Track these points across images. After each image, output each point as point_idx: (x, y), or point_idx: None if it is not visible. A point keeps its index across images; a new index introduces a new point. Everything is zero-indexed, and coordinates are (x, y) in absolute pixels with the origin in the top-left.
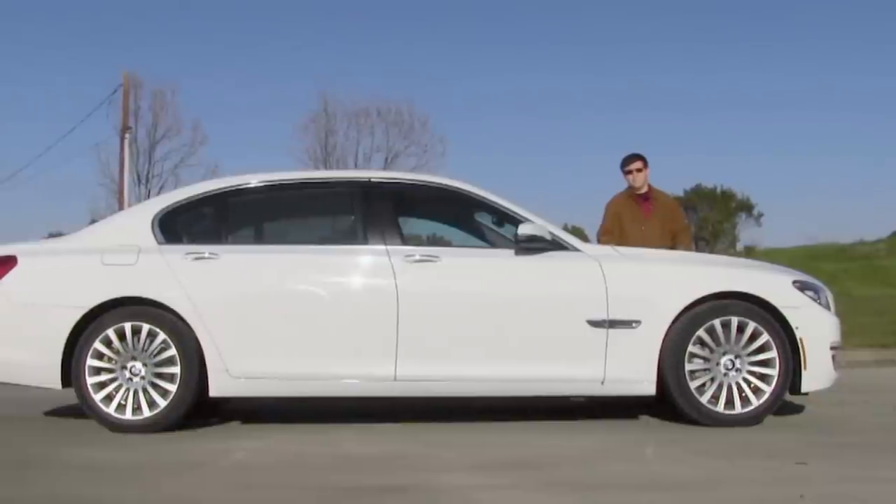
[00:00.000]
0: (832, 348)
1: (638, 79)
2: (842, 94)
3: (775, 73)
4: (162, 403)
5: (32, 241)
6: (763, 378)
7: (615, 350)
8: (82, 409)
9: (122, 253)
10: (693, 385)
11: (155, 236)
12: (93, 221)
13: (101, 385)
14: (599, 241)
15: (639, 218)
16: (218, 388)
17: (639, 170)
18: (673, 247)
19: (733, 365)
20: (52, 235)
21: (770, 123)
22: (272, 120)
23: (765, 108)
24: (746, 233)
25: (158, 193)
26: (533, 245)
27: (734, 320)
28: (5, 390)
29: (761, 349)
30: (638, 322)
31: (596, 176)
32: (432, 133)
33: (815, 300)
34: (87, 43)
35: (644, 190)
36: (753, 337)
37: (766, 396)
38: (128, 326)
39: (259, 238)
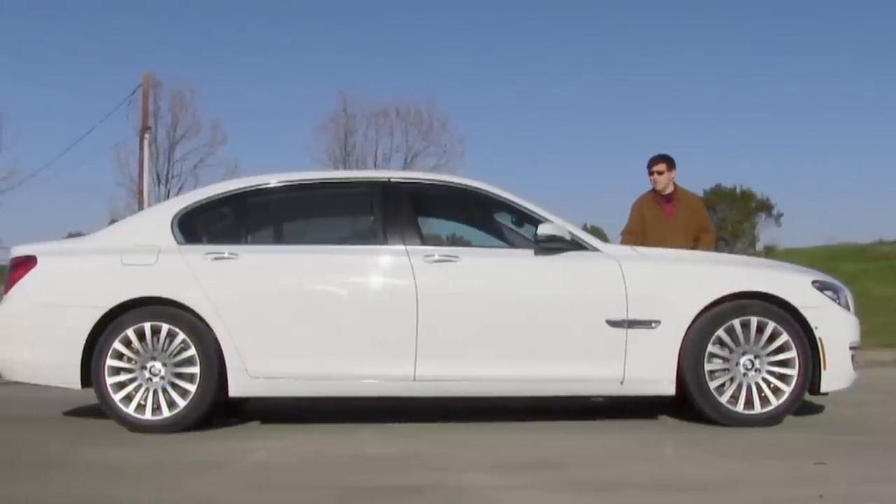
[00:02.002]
0: (852, 348)
1: (658, 80)
2: (861, 95)
3: (795, 75)
4: (181, 403)
5: (52, 241)
6: (782, 378)
7: (634, 350)
8: (102, 410)
9: (141, 253)
10: (712, 385)
11: (174, 236)
12: (112, 221)
13: (121, 385)
14: (622, 242)
15: (661, 219)
16: (237, 388)
17: (660, 172)
18: (694, 247)
19: (753, 365)
20: (71, 235)
21: (789, 124)
22: (291, 120)
23: (784, 109)
24: (766, 233)
25: (178, 193)
26: (552, 245)
27: (754, 320)
28: (25, 390)
29: (781, 349)
30: (657, 322)
31: (616, 177)
32: (452, 133)
33: (834, 300)
34: (106, 44)
35: (668, 191)
36: (773, 337)
37: (785, 396)
38: (147, 326)
39: (278, 238)
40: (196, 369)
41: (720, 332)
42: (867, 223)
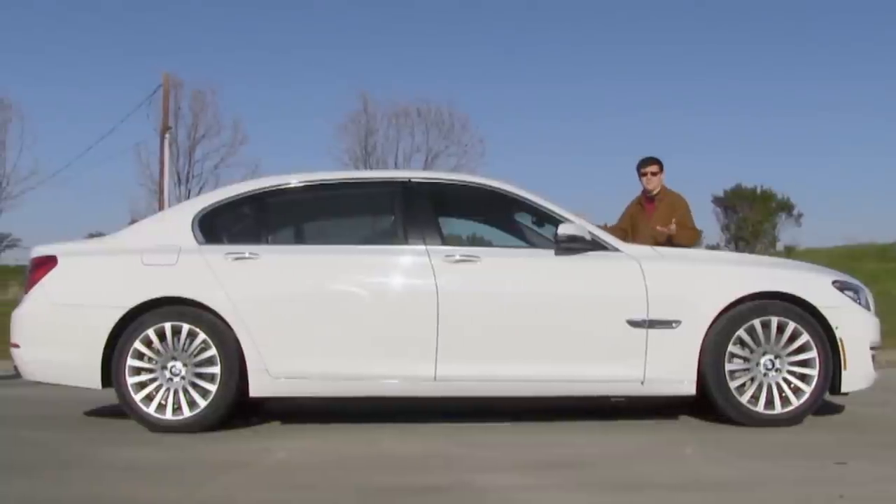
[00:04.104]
0: (872, 348)
1: (678, 80)
2: (882, 95)
3: (816, 74)
4: (202, 403)
5: (72, 242)
6: (803, 378)
7: (655, 350)
8: (122, 410)
9: (162, 253)
10: (733, 385)
11: (195, 236)
12: (133, 222)
13: (142, 385)
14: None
15: (644, 219)
16: (258, 388)
17: (654, 173)
18: (670, 241)
19: (773, 365)
20: (92, 236)
21: (809, 124)
22: (312, 120)
23: (804, 109)
24: (786, 233)
25: (199, 193)
26: (573, 245)
27: (774, 320)
28: (46, 390)
29: (801, 349)
30: (678, 322)
31: (635, 177)
32: (472, 133)
33: (854, 300)
34: (127, 44)
35: (655, 192)
36: (793, 337)
37: (806, 396)
38: (168, 326)
39: (299, 238)
40: (216, 369)
41: (741, 332)
42: (888, 223)
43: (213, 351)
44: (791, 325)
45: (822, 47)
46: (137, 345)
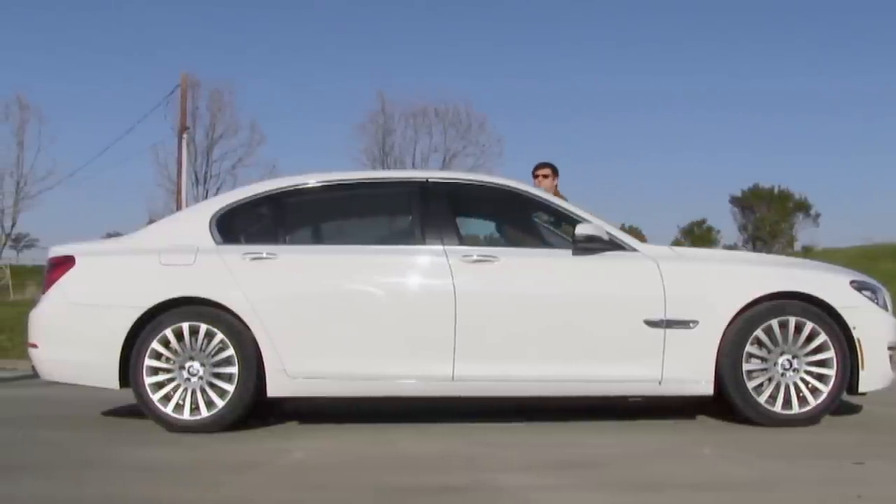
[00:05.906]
0: (890, 348)
1: (696, 79)
2: None
3: (834, 74)
4: (220, 403)
5: (90, 242)
6: (820, 378)
7: (672, 350)
8: (140, 410)
9: (179, 253)
10: (751, 385)
11: (213, 236)
12: (151, 222)
13: (159, 385)
14: None
15: None
16: (276, 388)
17: (545, 176)
18: None
19: (791, 365)
20: (110, 235)
21: (827, 124)
22: (330, 120)
23: (822, 109)
24: (804, 233)
25: (216, 193)
26: (590, 245)
27: (792, 320)
28: (63, 390)
29: (819, 349)
30: (695, 322)
31: (654, 176)
32: (490, 133)
33: (872, 300)
34: (144, 44)
35: None
36: (811, 337)
37: (823, 396)
38: (185, 326)
39: (317, 238)
40: (234, 369)
41: (758, 332)
42: None
43: (230, 351)
44: (809, 325)
45: (841, 46)
46: (155, 345)
